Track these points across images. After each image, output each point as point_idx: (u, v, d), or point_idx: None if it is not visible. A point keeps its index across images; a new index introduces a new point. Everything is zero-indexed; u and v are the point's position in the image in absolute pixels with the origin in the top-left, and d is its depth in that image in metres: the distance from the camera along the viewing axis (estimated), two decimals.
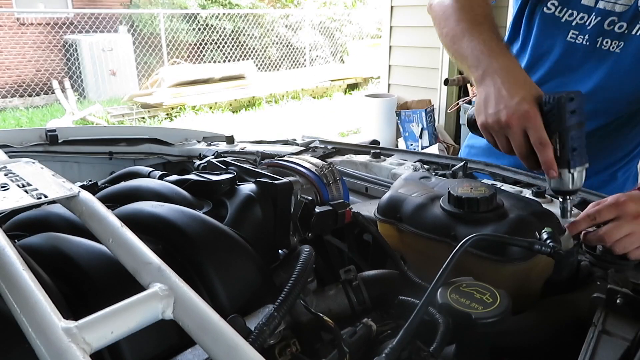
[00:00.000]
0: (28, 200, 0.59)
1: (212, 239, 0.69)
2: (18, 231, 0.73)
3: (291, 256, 0.80)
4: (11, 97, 9.63)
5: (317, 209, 0.84)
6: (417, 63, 5.56)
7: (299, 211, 0.85)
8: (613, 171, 1.42)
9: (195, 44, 11.23)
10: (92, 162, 1.66)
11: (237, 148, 1.58)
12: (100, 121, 7.74)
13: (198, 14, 11.33)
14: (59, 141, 1.60)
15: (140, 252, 0.51)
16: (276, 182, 0.83)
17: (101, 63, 9.68)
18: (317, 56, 12.96)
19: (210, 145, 1.68)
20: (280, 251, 0.83)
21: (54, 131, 1.60)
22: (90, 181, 0.98)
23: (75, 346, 0.39)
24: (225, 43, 11.28)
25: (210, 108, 8.83)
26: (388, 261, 0.88)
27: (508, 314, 0.62)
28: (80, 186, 0.68)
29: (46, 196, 0.60)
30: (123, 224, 0.56)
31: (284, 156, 1.07)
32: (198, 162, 1.10)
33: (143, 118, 8.20)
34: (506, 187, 1.15)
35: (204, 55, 11.34)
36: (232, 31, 11.53)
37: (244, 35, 11.74)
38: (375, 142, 1.72)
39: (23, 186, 0.63)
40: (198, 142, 1.75)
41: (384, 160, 1.40)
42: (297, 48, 12.49)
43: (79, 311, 0.48)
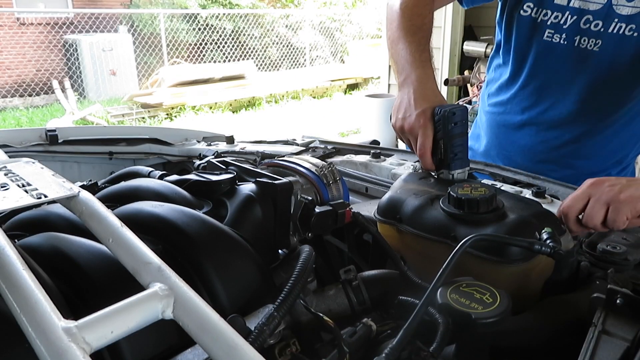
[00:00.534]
0: (28, 200, 0.59)
1: (212, 239, 0.69)
2: (18, 231, 0.73)
3: (291, 256, 0.80)
4: (11, 97, 9.63)
5: (317, 209, 0.84)
6: None
7: (299, 211, 0.85)
8: (609, 172, 1.43)
9: (195, 44, 11.22)
10: (92, 162, 1.66)
11: (237, 148, 1.58)
12: (100, 121, 7.74)
13: (198, 14, 11.33)
14: (59, 141, 1.60)
15: (140, 252, 0.51)
16: (276, 182, 0.83)
17: (101, 63, 9.68)
18: (317, 56, 12.96)
19: (210, 145, 1.68)
20: (280, 251, 0.83)
21: (54, 131, 1.60)
22: (90, 181, 0.98)
23: (75, 346, 0.39)
24: (225, 43, 11.28)
25: (210, 108, 8.83)
26: (388, 261, 0.88)
27: (508, 314, 0.62)
28: (80, 186, 0.68)
29: (46, 196, 0.60)
30: (123, 224, 0.56)
31: (284, 156, 1.07)
32: (198, 162, 1.10)
33: (143, 118, 8.20)
34: (506, 187, 1.15)
35: (204, 55, 11.34)
36: (232, 31, 11.53)
37: (244, 35, 11.74)
38: (375, 142, 1.71)
39: (23, 186, 0.63)
40: (198, 142, 1.75)
41: (384, 160, 1.40)
42: (297, 48, 12.49)
43: (79, 311, 0.48)
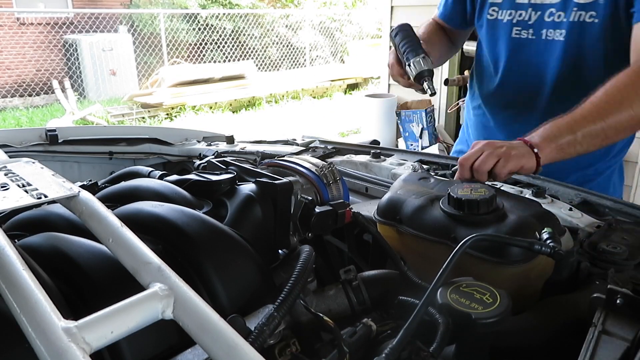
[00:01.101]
0: (28, 200, 0.59)
1: (212, 239, 0.69)
2: (18, 231, 0.73)
3: (291, 256, 0.80)
4: (11, 97, 9.63)
5: (317, 209, 0.84)
6: None
7: (299, 211, 0.85)
8: (597, 166, 1.45)
9: (195, 44, 11.22)
10: (92, 162, 1.66)
11: (237, 148, 1.58)
12: (100, 121, 7.74)
13: (198, 14, 11.33)
14: (59, 141, 1.60)
15: (140, 252, 0.51)
16: (276, 182, 0.83)
17: (101, 63, 9.68)
18: (317, 56, 12.96)
19: (210, 145, 1.68)
20: (280, 251, 0.83)
21: (54, 131, 1.60)
22: (90, 181, 0.98)
23: (75, 346, 0.39)
24: (225, 43, 11.28)
25: (210, 108, 8.83)
26: (388, 261, 0.88)
27: (508, 314, 0.62)
28: (80, 186, 0.68)
29: (46, 196, 0.60)
30: (123, 224, 0.56)
31: (284, 156, 1.07)
32: (198, 162, 1.10)
33: (143, 118, 8.20)
34: (506, 188, 1.15)
35: (204, 55, 11.34)
36: (232, 31, 11.53)
37: (244, 35, 11.74)
38: (375, 142, 1.72)
39: (23, 186, 0.63)
40: (198, 142, 1.75)
41: (384, 160, 1.40)
42: (297, 48, 12.48)
43: (79, 311, 0.48)
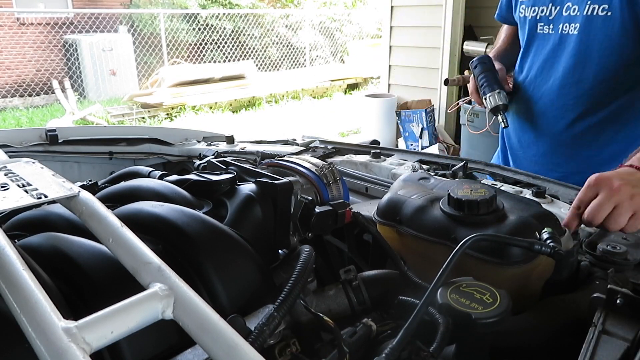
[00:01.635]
0: (28, 200, 0.59)
1: (212, 239, 0.69)
2: (18, 231, 0.73)
3: (291, 256, 0.80)
4: (11, 97, 9.63)
5: (317, 209, 0.84)
6: (417, 63, 5.56)
7: (299, 211, 0.85)
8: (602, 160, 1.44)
9: (195, 44, 11.22)
10: (92, 162, 1.66)
11: (237, 148, 1.58)
12: (100, 121, 7.73)
13: (198, 14, 11.32)
14: (59, 141, 1.60)
15: (140, 252, 0.51)
16: (276, 182, 0.83)
17: (101, 63, 9.67)
18: (317, 56, 12.96)
19: (210, 145, 1.68)
20: (280, 251, 0.83)
21: (54, 131, 1.60)
22: (90, 181, 0.98)
23: (75, 346, 0.39)
24: (225, 43, 11.27)
25: (210, 108, 8.83)
26: (388, 261, 0.88)
27: (508, 314, 0.62)
28: (80, 186, 0.68)
29: (46, 196, 0.60)
30: (123, 224, 0.56)
31: (284, 156, 1.07)
32: (198, 162, 1.10)
33: (143, 118, 8.20)
34: (506, 188, 1.15)
35: (204, 55, 11.34)
36: (232, 31, 11.53)
37: (244, 35, 11.74)
38: (375, 142, 1.72)
39: (23, 186, 0.63)
40: (198, 142, 1.75)
41: (384, 160, 1.40)
42: (297, 48, 12.48)
43: (79, 311, 0.48)
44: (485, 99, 1.49)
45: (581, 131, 1.41)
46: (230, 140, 1.68)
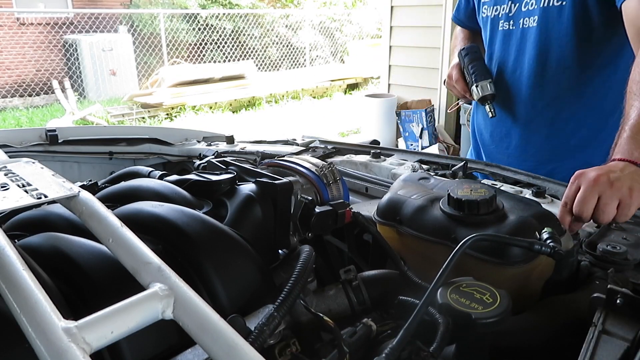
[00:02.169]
0: (28, 200, 0.59)
1: (212, 239, 0.69)
2: (18, 231, 0.73)
3: (291, 256, 0.80)
4: (11, 97, 9.63)
5: (317, 209, 0.84)
6: (417, 63, 5.56)
7: (299, 211, 0.85)
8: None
9: (195, 44, 11.22)
10: (92, 162, 1.66)
11: (237, 148, 1.58)
12: (100, 121, 7.73)
13: (198, 14, 11.32)
14: (59, 141, 1.60)
15: (140, 252, 0.51)
16: (276, 182, 0.83)
17: (101, 63, 9.67)
18: (317, 56, 12.96)
19: (210, 145, 1.68)
20: (280, 251, 0.83)
21: (54, 131, 1.60)
22: (90, 181, 0.98)
23: (75, 346, 0.39)
24: (225, 43, 11.27)
25: (210, 108, 8.83)
26: (388, 261, 0.88)
27: (508, 314, 0.61)
28: (80, 186, 0.68)
29: (46, 196, 0.60)
30: (123, 224, 0.56)
31: (284, 156, 1.07)
32: (198, 162, 1.10)
33: (143, 118, 8.20)
34: (506, 187, 1.15)
35: (204, 55, 11.33)
36: (232, 31, 11.53)
37: (244, 35, 11.74)
38: (375, 142, 1.72)
39: (23, 186, 0.63)
40: (198, 142, 1.75)
41: (384, 160, 1.40)
42: (297, 48, 12.48)
43: (79, 311, 0.48)
44: (476, 87, 1.49)
45: (551, 118, 1.46)
46: (230, 140, 1.68)
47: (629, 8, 1.20)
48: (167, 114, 8.46)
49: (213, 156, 1.23)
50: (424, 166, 1.32)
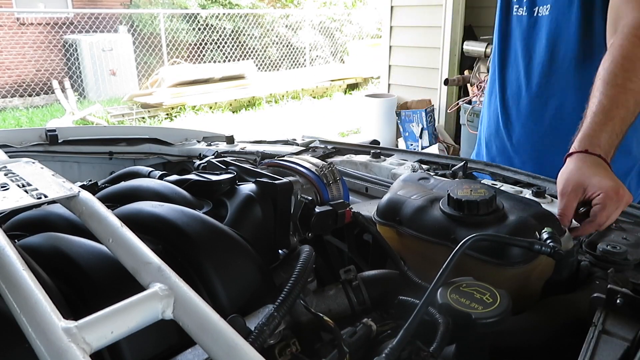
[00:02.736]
0: (28, 200, 0.59)
1: (212, 239, 0.69)
2: (18, 231, 0.73)
3: (291, 256, 0.80)
4: (11, 97, 9.63)
5: (317, 209, 0.84)
6: (417, 63, 5.56)
7: (299, 211, 0.85)
8: (615, 167, 1.45)
9: (195, 44, 11.22)
10: (92, 162, 1.66)
11: (237, 148, 1.58)
12: (100, 121, 7.73)
13: (198, 14, 11.32)
14: (59, 141, 1.60)
15: (140, 252, 0.51)
16: (276, 182, 0.83)
17: (101, 63, 9.67)
18: (317, 56, 12.96)
19: (210, 145, 1.68)
20: (280, 251, 0.83)
21: (54, 131, 1.60)
22: (90, 181, 0.98)
23: (75, 346, 0.39)
24: (225, 43, 11.27)
25: (210, 108, 8.83)
26: (388, 261, 0.88)
27: (508, 314, 0.61)
28: (80, 186, 0.68)
29: (46, 196, 0.60)
30: (123, 224, 0.56)
31: (284, 156, 1.07)
32: (198, 162, 1.10)
33: (143, 118, 8.20)
34: (506, 188, 1.15)
35: (204, 55, 11.33)
36: (232, 31, 11.53)
37: (244, 35, 11.74)
38: (375, 142, 1.72)
39: (23, 186, 0.63)
40: (198, 142, 1.75)
41: (384, 160, 1.40)
42: (297, 48, 12.48)
43: (79, 311, 0.48)
44: None
45: (555, 108, 1.45)
46: (230, 140, 1.68)
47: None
48: (167, 114, 8.46)
49: (213, 156, 1.23)
50: (424, 166, 1.32)
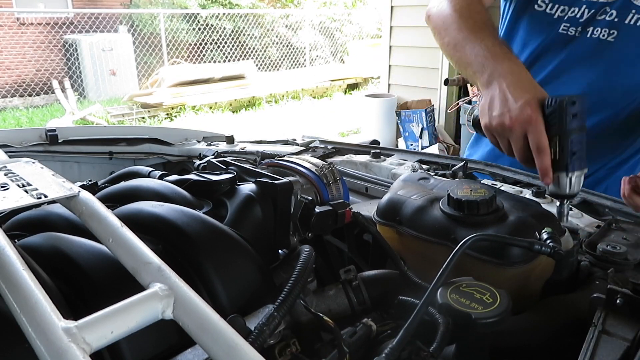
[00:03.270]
0: (28, 200, 0.59)
1: (212, 239, 0.69)
2: (18, 231, 0.73)
3: (291, 256, 0.80)
4: (11, 97, 9.63)
5: (317, 209, 0.84)
6: (417, 63, 5.56)
7: (299, 211, 0.85)
8: (609, 167, 1.42)
9: (195, 44, 11.23)
10: (92, 162, 1.66)
11: (237, 148, 1.58)
12: (100, 121, 7.74)
13: (198, 14, 11.33)
14: (59, 141, 1.60)
15: (140, 252, 0.51)
16: (276, 182, 0.83)
17: (101, 63, 9.68)
18: (317, 56, 12.97)
19: (210, 145, 1.68)
20: (280, 251, 0.83)
21: (54, 131, 1.60)
22: (90, 181, 0.98)
23: (75, 346, 0.39)
24: (225, 43, 11.28)
25: (210, 108, 8.83)
26: (388, 261, 0.88)
27: (508, 314, 0.61)
28: (80, 186, 0.68)
29: (46, 196, 0.60)
30: (123, 224, 0.56)
31: (284, 156, 1.07)
32: (198, 162, 1.10)
33: (143, 118, 8.20)
34: (506, 187, 1.15)
35: (204, 55, 11.34)
36: (232, 31, 11.54)
37: (244, 35, 11.75)
38: (375, 142, 1.72)
39: (23, 186, 0.63)
40: (198, 142, 1.75)
41: (384, 160, 1.40)
42: (297, 48, 12.49)
43: (79, 311, 0.48)
44: (568, 175, 0.89)
45: (595, 135, 1.31)
46: (230, 140, 1.68)
47: None
48: (167, 114, 8.46)
49: (213, 156, 1.23)
50: (424, 166, 1.32)
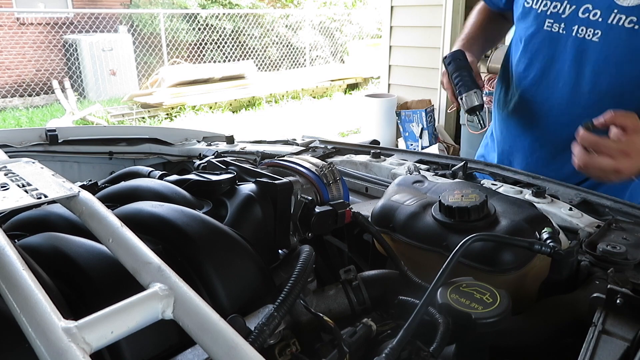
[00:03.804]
0: (28, 200, 0.59)
1: (212, 239, 0.69)
2: (18, 231, 0.73)
3: (291, 256, 0.80)
4: (11, 97, 9.64)
5: (317, 209, 0.84)
6: (417, 63, 5.56)
7: (299, 211, 0.85)
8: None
9: (195, 44, 11.23)
10: (92, 162, 1.66)
11: (237, 148, 1.58)
12: (100, 121, 7.74)
13: (198, 14, 11.34)
14: (59, 141, 1.60)
15: (140, 252, 0.51)
16: (276, 182, 0.83)
17: (101, 63, 9.68)
18: (317, 56, 12.97)
19: (210, 145, 1.68)
20: (280, 251, 0.83)
21: (54, 131, 1.60)
22: (90, 181, 0.98)
23: (75, 346, 0.39)
24: (225, 43, 11.28)
25: (210, 108, 8.83)
26: (388, 261, 0.88)
27: (508, 314, 0.62)
28: (80, 186, 0.68)
29: (46, 196, 0.60)
30: (123, 224, 0.56)
31: (284, 156, 1.07)
32: (198, 162, 1.10)
33: (143, 118, 8.20)
34: (506, 187, 1.15)
35: (204, 55, 11.34)
36: (232, 31, 11.54)
37: (244, 35, 11.75)
38: (375, 142, 1.72)
39: (23, 186, 0.63)
40: (198, 142, 1.75)
41: (384, 160, 1.40)
42: (297, 48, 12.49)
43: (79, 311, 0.48)
44: (460, 99, 1.40)
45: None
46: (230, 140, 1.68)
47: None
48: (167, 114, 8.46)
49: (213, 156, 1.23)
50: (423, 166, 1.32)
